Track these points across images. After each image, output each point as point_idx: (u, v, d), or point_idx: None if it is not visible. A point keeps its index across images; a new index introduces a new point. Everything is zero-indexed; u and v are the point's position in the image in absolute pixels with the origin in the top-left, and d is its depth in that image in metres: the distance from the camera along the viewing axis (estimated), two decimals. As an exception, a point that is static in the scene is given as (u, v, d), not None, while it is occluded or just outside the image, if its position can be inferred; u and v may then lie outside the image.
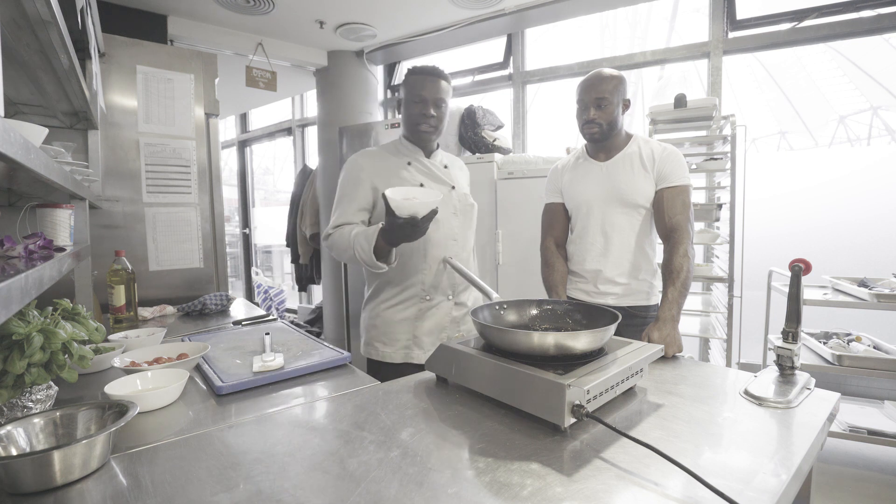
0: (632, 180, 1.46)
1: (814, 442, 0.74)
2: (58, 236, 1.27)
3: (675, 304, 1.29)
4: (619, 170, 1.48)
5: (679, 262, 1.34)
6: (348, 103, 3.83)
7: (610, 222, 1.48)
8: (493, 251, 2.67)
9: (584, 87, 1.46)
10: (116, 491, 0.64)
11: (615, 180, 1.48)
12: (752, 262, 2.34)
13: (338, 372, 1.18)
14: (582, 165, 1.56)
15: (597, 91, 1.43)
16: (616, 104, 1.45)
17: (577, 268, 1.56)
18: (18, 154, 0.54)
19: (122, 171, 2.14)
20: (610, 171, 1.49)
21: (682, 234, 1.38)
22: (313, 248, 4.21)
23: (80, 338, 0.89)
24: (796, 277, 0.99)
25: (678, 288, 1.31)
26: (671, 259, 1.36)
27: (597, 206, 1.49)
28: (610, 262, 1.49)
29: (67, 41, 1.00)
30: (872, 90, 2.73)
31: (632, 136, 1.53)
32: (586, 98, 1.45)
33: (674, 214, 1.41)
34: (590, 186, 1.51)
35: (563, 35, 3.46)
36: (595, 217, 1.50)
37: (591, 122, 1.45)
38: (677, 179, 1.43)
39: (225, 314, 1.97)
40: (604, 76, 1.44)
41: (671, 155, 1.46)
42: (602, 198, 1.49)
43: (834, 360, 2.04)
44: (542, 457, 0.70)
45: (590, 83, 1.45)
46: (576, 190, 1.54)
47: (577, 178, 1.55)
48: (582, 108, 1.47)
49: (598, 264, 1.50)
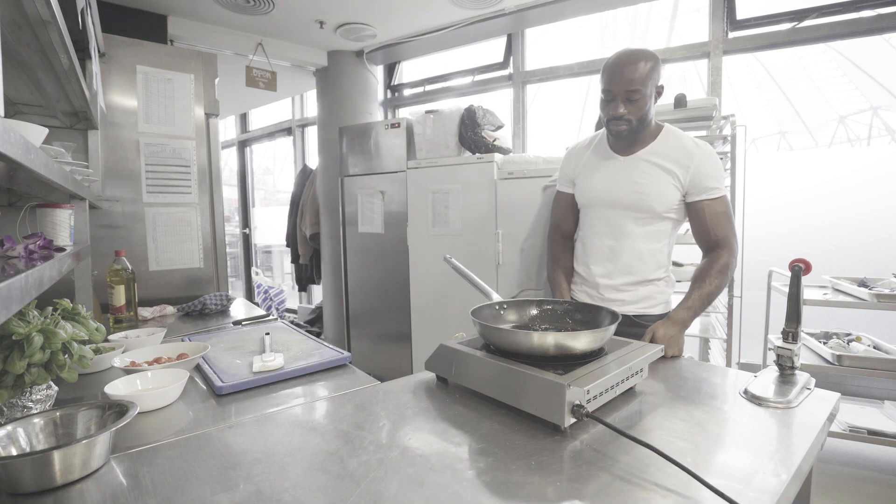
0: (652, 185, 1.28)
1: (814, 442, 0.74)
2: (58, 236, 1.26)
3: (691, 309, 1.21)
4: (641, 170, 1.30)
5: (713, 276, 1.24)
6: (348, 103, 3.83)
7: (620, 227, 1.34)
8: (493, 251, 2.66)
9: (612, 75, 1.22)
10: (116, 491, 0.64)
11: (634, 182, 1.30)
12: (752, 262, 2.34)
13: (338, 372, 1.18)
14: (600, 156, 1.38)
15: (628, 81, 1.20)
16: (649, 95, 1.23)
17: (582, 269, 1.45)
18: (18, 154, 0.54)
19: (122, 171, 2.14)
20: (630, 170, 1.31)
21: (725, 250, 1.26)
22: (313, 248, 4.21)
23: (80, 338, 0.89)
24: (796, 277, 0.99)
25: (701, 297, 1.22)
26: (707, 270, 1.26)
27: (608, 208, 1.35)
28: (617, 269, 1.36)
29: (67, 41, 1.00)
30: (872, 90, 2.73)
31: (662, 126, 1.33)
32: (615, 89, 1.22)
33: (718, 228, 1.27)
34: (603, 183, 1.35)
35: (563, 35, 3.45)
36: (604, 219, 1.36)
37: (619, 118, 1.24)
38: (716, 191, 1.27)
39: (225, 314, 1.97)
40: (637, 59, 1.20)
41: (709, 158, 1.27)
42: (614, 199, 1.33)
43: (834, 360, 2.03)
44: (542, 457, 0.70)
45: (619, 70, 1.21)
46: (588, 185, 1.38)
47: (591, 170, 1.38)
48: (608, 99, 1.25)
49: (604, 269, 1.38)
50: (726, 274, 1.25)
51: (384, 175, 3.20)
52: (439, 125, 2.86)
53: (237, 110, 5.57)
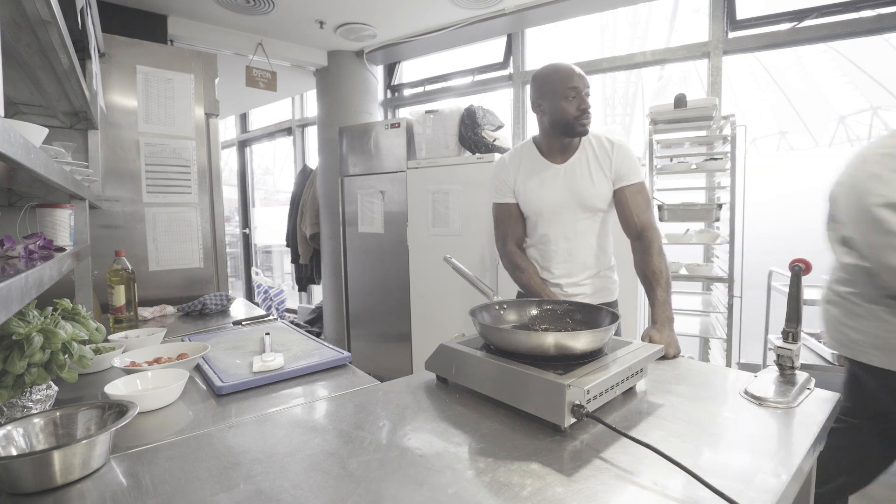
0: (591, 185, 1.41)
1: (814, 442, 0.74)
2: (58, 236, 1.26)
3: (666, 305, 1.26)
4: (579, 174, 1.42)
5: (658, 262, 1.32)
6: (348, 103, 3.83)
7: (573, 228, 1.44)
8: (493, 251, 2.66)
9: (575, 75, 1.34)
10: (116, 491, 0.64)
11: (576, 186, 1.41)
12: (752, 262, 2.33)
13: (338, 372, 1.18)
14: (536, 168, 1.47)
15: (587, 82, 1.35)
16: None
17: (544, 274, 1.51)
18: (18, 154, 0.54)
19: (122, 171, 2.14)
20: (569, 176, 1.43)
21: (653, 232, 1.36)
22: (313, 248, 4.21)
23: (80, 338, 0.89)
24: (796, 277, 0.99)
25: (665, 288, 1.29)
26: (650, 260, 1.33)
27: (559, 214, 1.44)
28: (575, 265, 1.46)
29: (67, 41, 1.00)
30: (872, 90, 2.73)
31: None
32: (581, 86, 1.33)
33: (640, 213, 1.38)
34: (549, 193, 1.44)
35: (563, 35, 3.46)
36: (558, 224, 1.45)
37: (587, 111, 1.35)
38: (635, 176, 1.39)
39: (225, 314, 1.97)
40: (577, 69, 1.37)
41: (625, 153, 1.41)
42: (564, 205, 1.43)
43: (834, 360, 2.03)
44: (542, 457, 0.70)
45: (578, 72, 1.35)
46: (534, 195, 1.46)
47: (533, 182, 1.46)
48: (573, 96, 1.34)
49: (564, 269, 1.46)
50: (664, 254, 1.34)
51: (384, 175, 3.20)
52: (439, 125, 2.86)
53: (237, 110, 5.57)
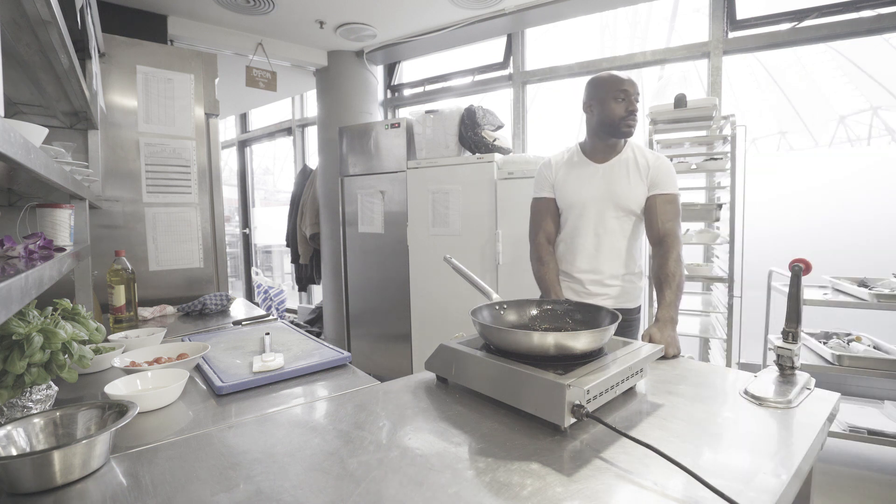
0: (628, 185, 1.48)
1: (814, 442, 0.74)
2: (58, 236, 1.26)
3: (672, 306, 1.32)
4: (617, 174, 1.49)
5: (673, 266, 1.37)
6: (348, 103, 3.83)
7: (603, 225, 1.50)
8: (492, 251, 2.67)
9: (624, 81, 1.45)
10: (116, 491, 0.64)
11: (612, 184, 1.49)
12: (752, 262, 2.34)
13: (338, 372, 1.18)
14: (578, 165, 1.56)
15: (637, 89, 1.44)
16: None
17: (567, 267, 1.57)
18: (18, 154, 0.54)
19: (122, 171, 2.14)
20: (607, 175, 1.50)
21: (674, 240, 1.41)
22: (313, 248, 4.21)
23: (80, 338, 0.89)
24: (796, 277, 0.99)
25: (674, 291, 1.34)
26: (665, 264, 1.39)
27: (592, 208, 1.50)
28: (601, 263, 1.51)
29: (67, 41, 1.00)
30: (872, 90, 2.73)
31: (627, 141, 1.55)
32: (631, 90, 1.43)
33: (666, 220, 1.44)
34: (586, 187, 1.52)
35: (563, 35, 3.45)
36: (589, 218, 1.51)
37: (634, 113, 1.44)
38: (670, 188, 1.46)
39: (225, 314, 1.97)
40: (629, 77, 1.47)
41: (665, 165, 1.48)
42: (598, 200, 1.50)
43: (834, 360, 2.03)
44: (542, 457, 0.70)
45: (629, 79, 1.45)
46: (571, 189, 1.54)
47: (572, 177, 1.55)
48: (623, 98, 1.44)
49: (589, 265, 1.52)
50: (681, 262, 1.40)
51: (384, 175, 3.20)
52: (439, 125, 2.86)
53: (237, 110, 5.57)
